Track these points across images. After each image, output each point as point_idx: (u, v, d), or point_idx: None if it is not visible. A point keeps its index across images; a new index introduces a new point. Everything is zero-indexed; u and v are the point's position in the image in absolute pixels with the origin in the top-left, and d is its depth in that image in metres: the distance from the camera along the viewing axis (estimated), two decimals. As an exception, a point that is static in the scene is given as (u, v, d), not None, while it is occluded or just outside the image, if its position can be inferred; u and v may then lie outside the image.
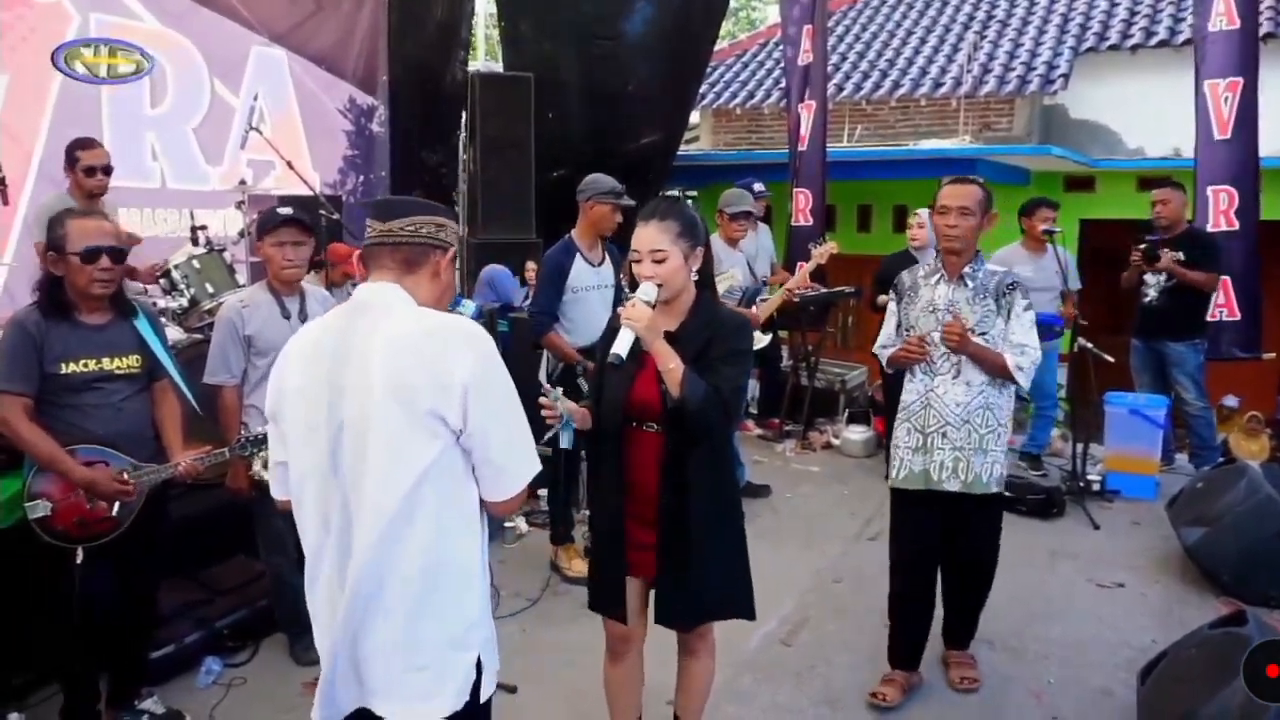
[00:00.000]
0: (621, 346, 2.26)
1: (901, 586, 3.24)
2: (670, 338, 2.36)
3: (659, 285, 2.31)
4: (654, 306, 2.30)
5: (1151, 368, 5.73)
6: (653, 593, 2.51)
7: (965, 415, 3.02)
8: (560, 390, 2.44)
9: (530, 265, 6.78)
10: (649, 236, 2.33)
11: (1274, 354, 8.09)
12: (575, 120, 8.10)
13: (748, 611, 2.55)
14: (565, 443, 2.41)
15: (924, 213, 5.60)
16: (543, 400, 2.37)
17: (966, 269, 3.05)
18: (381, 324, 1.67)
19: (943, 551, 3.18)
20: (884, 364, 3.28)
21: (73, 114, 5.12)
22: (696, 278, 2.43)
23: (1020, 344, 2.98)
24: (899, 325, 3.22)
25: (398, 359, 1.63)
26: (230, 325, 3.19)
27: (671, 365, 2.28)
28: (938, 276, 3.12)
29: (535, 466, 1.75)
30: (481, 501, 1.76)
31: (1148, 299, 5.60)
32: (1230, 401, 8.98)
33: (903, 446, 3.13)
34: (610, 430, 2.43)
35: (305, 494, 1.73)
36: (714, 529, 2.44)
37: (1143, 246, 5.49)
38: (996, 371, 2.99)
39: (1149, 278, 5.59)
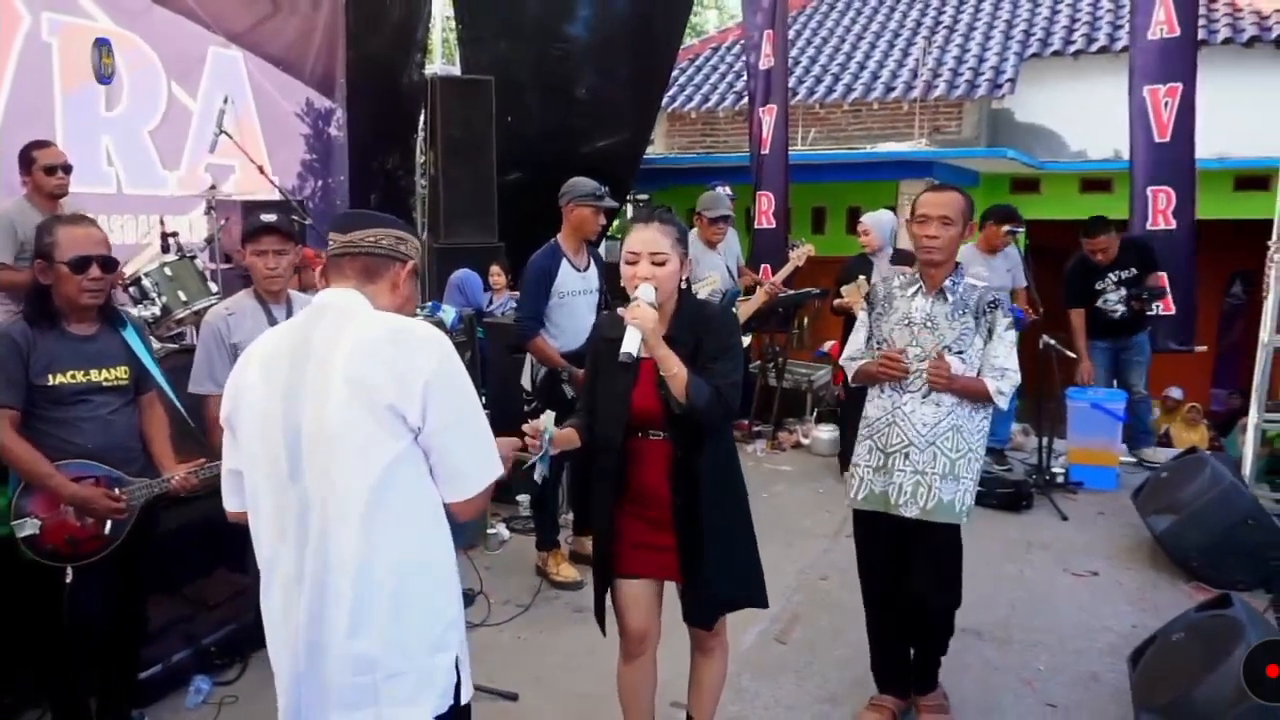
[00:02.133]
0: (631, 345, 2.25)
1: (871, 610, 3.12)
2: (665, 340, 2.37)
3: (655, 288, 2.32)
4: (656, 308, 2.31)
5: (1109, 365, 5.98)
6: (667, 591, 2.54)
7: (931, 437, 2.83)
8: (552, 416, 2.38)
9: (495, 270, 6.73)
10: (650, 238, 2.34)
11: (1205, 347, 8.46)
12: (533, 123, 8.08)
13: (762, 600, 2.59)
14: (538, 474, 2.33)
15: (868, 218, 5.69)
16: (527, 428, 2.31)
17: (946, 282, 2.86)
18: (344, 326, 1.66)
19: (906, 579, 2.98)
20: (850, 377, 3.07)
21: (25, 117, 4.92)
22: (685, 285, 2.46)
23: (1001, 368, 2.82)
24: (869, 337, 3.02)
25: (360, 360, 1.61)
26: (215, 333, 3.09)
27: (675, 370, 2.29)
28: (915, 288, 2.91)
29: (496, 469, 1.73)
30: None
31: (1117, 314, 5.79)
32: (1175, 393, 9.37)
33: (863, 465, 2.95)
34: (609, 443, 2.43)
35: (260, 501, 1.69)
36: (728, 524, 2.47)
37: (1145, 297, 5.73)
38: (980, 400, 2.83)
39: (1110, 297, 5.82)
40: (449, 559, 1.74)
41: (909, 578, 2.96)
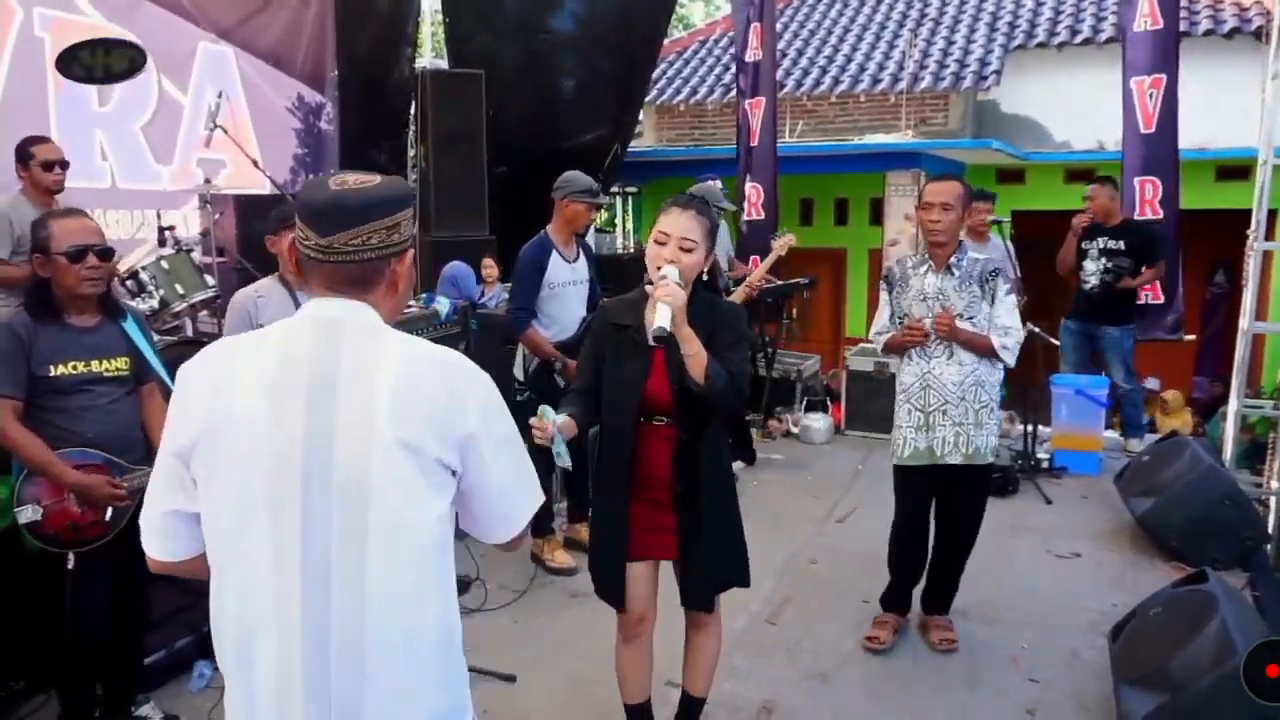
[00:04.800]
0: (664, 320, 2.27)
1: (901, 548, 3.53)
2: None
3: (679, 272, 2.37)
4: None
5: (1082, 349, 6.04)
6: (668, 576, 2.62)
7: (961, 393, 3.26)
8: (550, 410, 2.39)
9: (487, 262, 6.78)
10: (684, 224, 2.38)
11: (1193, 336, 8.57)
12: (517, 117, 8.12)
13: (746, 579, 2.69)
14: (565, 462, 2.36)
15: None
16: (534, 422, 2.31)
17: (951, 259, 3.29)
18: (375, 351, 1.39)
19: (939, 515, 3.47)
20: (880, 349, 3.52)
21: (19, 113, 4.95)
22: (707, 279, 2.54)
23: (1004, 326, 3.26)
24: (892, 314, 3.45)
25: (406, 399, 1.36)
26: (245, 313, 3.18)
27: (697, 350, 2.34)
28: (926, 267, 3.35)
29: (539, 497, 1.54)
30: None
31: (1089, 285, 5.88)
32: (1151, 384, 9.51)
33: (905, 426, 3.37)
34: (622, 429, 2.48)
35: (238, 555, 1.34)
36: (723, 507, 2.57)
37: (1109, 266, 5.82)
38: (985, 353, 3.26)
39: (1088, 264, 5.88)
40: (458, 614, 1.52)
41: (950, 516, 3.46)
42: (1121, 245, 5.81)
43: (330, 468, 1.34)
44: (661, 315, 2.28)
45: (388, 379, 1.36)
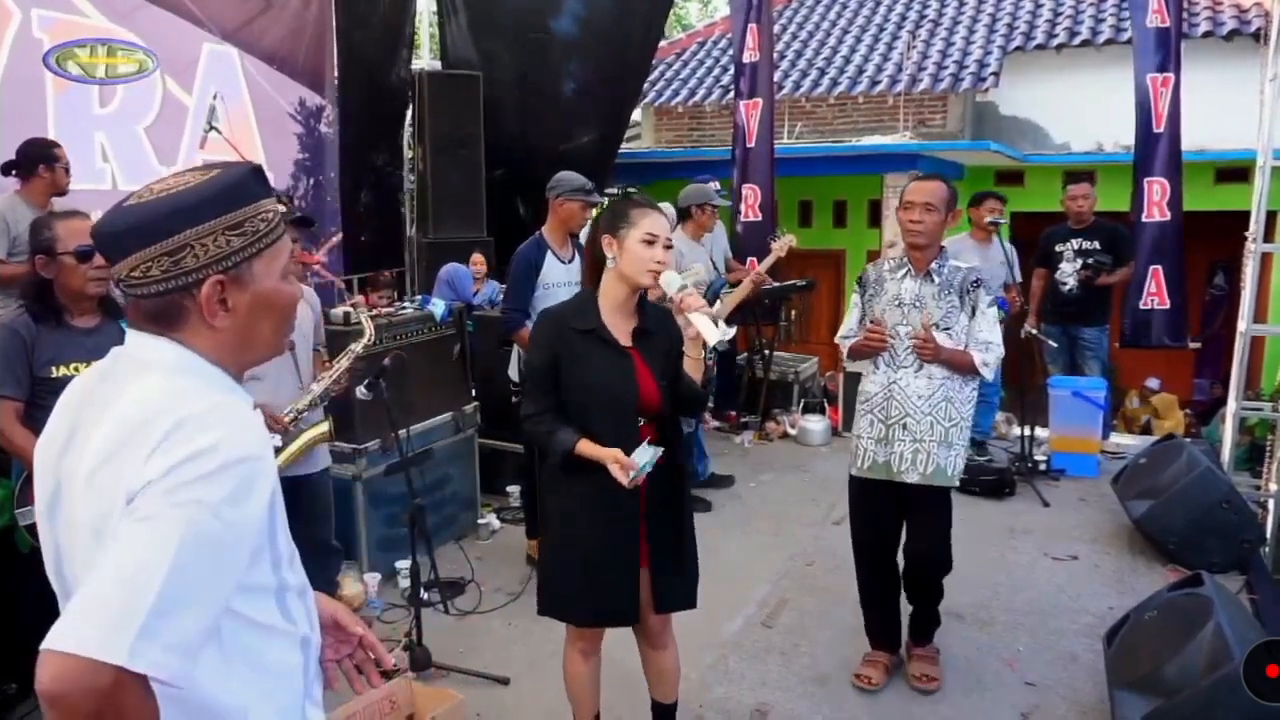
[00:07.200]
0: (713, 329, 2.29)
1: (866, 572, 3.31)
2: (641, 332, 2.45)
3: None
4: None
5: (1065, 351, 6.09)
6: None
7: (927, 408, 3.05)
8: (653, 450, 2.33)
9: (477, 259, 6.75)
10: (663, 224, 2.41)
11: (1199, 345, 8.53)
12: (512, 119, 8.12)
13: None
14: (649, 467, 2.33)
15: None
16: (627, 481, 2.29)
17: (932, 264, 3.09)
18: (109, 402, 1.14)
19: (900, 540, 3.26)
20: (845, 354, 3.30)
21: (18, 113, 4.94)
22: None
23: (985, 341, 3.06)
24: (862, 318, 3.24)
25: (108, 461, 1.09)
26: None
27: (700, 353, 2.37)
28: (904, 271, 3.13)
29: (117, 644, 0.96)
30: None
31: (1066, 288, 5.96)
32: (1152, 383, 9.50)
33: (865, 437, 3.16)
34: (624, 430, 2.39)
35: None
36: (690, 514, 2.60)
37: (1090, 263, 5.90)
38: (966, 371, 3.06)
39: (1065, 266, 5.97)
40: None
41: (910, 539, 3.22)
42: (1096, 244, 5.92)
43: (57, 530, 1.20)
44: (707, 324, 2.29)
45: (107, 426, 1.10)
